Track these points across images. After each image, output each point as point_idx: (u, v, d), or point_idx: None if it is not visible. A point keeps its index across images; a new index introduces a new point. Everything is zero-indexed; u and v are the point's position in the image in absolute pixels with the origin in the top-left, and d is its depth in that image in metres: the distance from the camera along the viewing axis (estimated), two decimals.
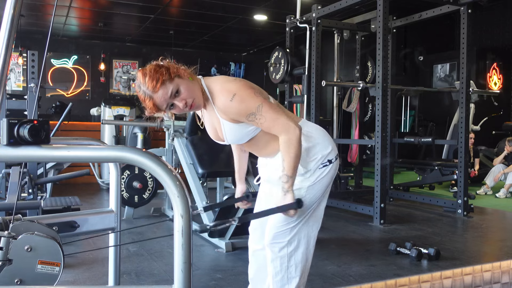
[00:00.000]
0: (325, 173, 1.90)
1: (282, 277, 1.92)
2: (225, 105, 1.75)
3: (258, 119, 1.75)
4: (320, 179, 1.89)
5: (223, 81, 1.80)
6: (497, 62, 9.44)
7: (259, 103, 1.74)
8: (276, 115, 1.75)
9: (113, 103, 7.55)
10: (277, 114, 1.76)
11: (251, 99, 1.74)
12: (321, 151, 1.89)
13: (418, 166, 7.07)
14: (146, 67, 1.73)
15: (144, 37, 10.18)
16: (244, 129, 1.81)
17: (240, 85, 1.76)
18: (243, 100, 1.73)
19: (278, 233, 1.89)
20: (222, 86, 1.77)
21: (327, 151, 1.90)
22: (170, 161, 4.67)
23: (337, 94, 5.74)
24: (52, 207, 3.40)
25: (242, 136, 1.84)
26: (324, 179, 1.90)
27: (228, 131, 1.82)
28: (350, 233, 4.00)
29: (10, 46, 1.22)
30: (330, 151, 1.91)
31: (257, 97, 1.75)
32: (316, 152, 1.88)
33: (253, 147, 1.94)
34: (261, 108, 1.74)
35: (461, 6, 4.65)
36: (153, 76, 1.68)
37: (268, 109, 1.74)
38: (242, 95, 1.73)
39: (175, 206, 1.09)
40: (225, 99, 1.74)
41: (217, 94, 1.76)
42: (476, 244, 3.80)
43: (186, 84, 1.73)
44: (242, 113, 1.74)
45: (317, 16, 4.98)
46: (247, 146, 1.94)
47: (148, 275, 2.84)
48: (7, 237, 1.37)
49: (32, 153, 1.15)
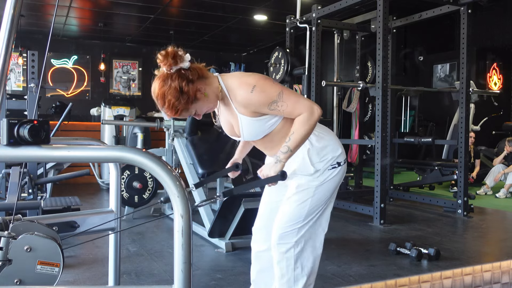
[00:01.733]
0: (333, 175, 1.91)
1: (289, 279, 1.91)
2: (246, 98, 1.76)
3: (280, 106, 1.77)
4: (329, 180, 1.90)
5: (240, 76, 1.83)
6: (497, 62, 9.44)
7: (280, 90, 1.77)
8: (297, 98, 1.79)
9: (113, 103, 7.55)
10: (298, 97, 1.80)
11: (270, 88, 1.77)
12: (332, 152, 1.91)
13: (418, 166, 7.07)
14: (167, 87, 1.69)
15: (144, 37, 10.18)
16: (261, 125, 1.83)
17: (257, 78, 1.80)
18: (263, 89, 1.75)
19: (285, 234, 1.89)
20: (241, 81, 1.79)
21: (337, 153, 1.92)
22: (170, 161, 4.67)
23: (337, 94, 5.74)
24: (52, 207, 3.40)
25: (258, 132, 1.85)
26: (332, 180, 1.91)
27: (245, 127, 1.83)
28: (350, 233, 4.00)
29: (10, 46, 1.22)
30: (340, 153, 1.93)
31: (276, 86, 1.79)
32: (327, 152, 1.89)
33: (266, 144, 1.93)
34: (282, 95, 1.77)
35: (461, 6, 4.65)
36: (171, 106, 1.71)
37: (289, 95, 1.78)
38: (261, 85, 1.76)
39: (175, 206, 1.09)
40: (246, 92, 1.76)
41: (236, 89, 1.78)
42: (476, 244, 3.80)
43: (202, 104, 1.78)
44: (264, 102, 1.76)
45: (317, 16, 4.98)
46: (261, 142, 1.94)
47: (148, 275, 2.84)
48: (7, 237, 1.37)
49: (32, 153, 1.15)
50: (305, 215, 1.89)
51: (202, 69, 1.79)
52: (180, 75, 1.70)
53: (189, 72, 1.72)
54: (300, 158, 1.88)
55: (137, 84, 11.21)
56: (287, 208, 1.91)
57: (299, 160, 1.88)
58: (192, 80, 1.71)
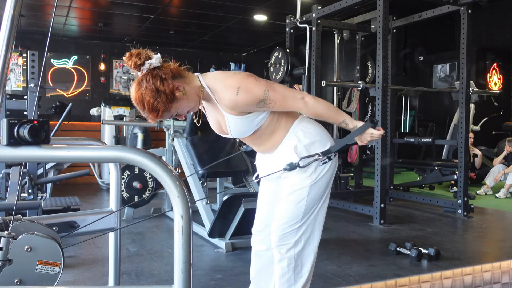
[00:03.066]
0: (325, 170, 1.90)
1: (289, 277, 1.92)
2: (232, 101, 1.76)
3: (269, 104, 1.78)
4: (322, 176, 1.90)
5: (224, 78, 1.81)
6: (497, 62, 9.44)
7: (264, 88, 1.77)
8: (283, 92, 1.81)
9: (113, 103, 7.55)
10: (284, 91, 1.82)
11: (255, 87, 1.76)
12: (321, 147, 1.89)
13: (418, 166, 7.07)
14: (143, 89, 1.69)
15: (144, 37, 10.18)
16: (248, 123, 1.83)
17: (240, 77, 1.79)
18: (248, 90, 1.75)
19: (285, 235, 1.89)
20: (225, 84, 1.78)
21: (326, 148, 1.90)
22: (170, 161, 4.67)
23: (337, 94, 5.74)
24: (52, 207, 3.40)
25: (246, 130, 1.85)
26: (325, 176, 1.91)
27: (232, 125, 1.83)
28: (350, 233, 4.00)
29: (10, 46, 1.22)
30: (329, 148, 1.91)
31: (260, 83, 1.78)
32: (316, 148, 1.88)
33: (255, 141, 1.93)
34: (268, 93, 1.77)
35: (461, 6, 4.65)
36: (151, 108, 1.70)
37: (274, 91, 1.78)
38: (246, 86, 1.75)
39: (175, 206, 1.09)
40: (231, 95, 1.75)
41: (220, 92, 1.77)
42: (476, 244, 3.80)
43: (182, 103, 1.76)
44: (251, 102, 1.76)
45: (317, 16, 4.98)
46: (250, 139, 1.94)
47: (148, 275, 2.84)
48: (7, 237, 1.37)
49: (32, 153, 1.15)
50: (302, 214, 1.89)
51: (176, 68, 1.77)
52: (153, 76, 1.69)
53: (161, 72, 1.71)
54: (287, 155, 1.87)
55: None
56: (284, 209, 1.91)
57: (286, 157, 1.87)
58: (165, 78, 1.70)
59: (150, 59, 1.70)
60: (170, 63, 1.77)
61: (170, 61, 1.78)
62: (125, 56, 1.71)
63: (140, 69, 1.70)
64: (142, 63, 1.69)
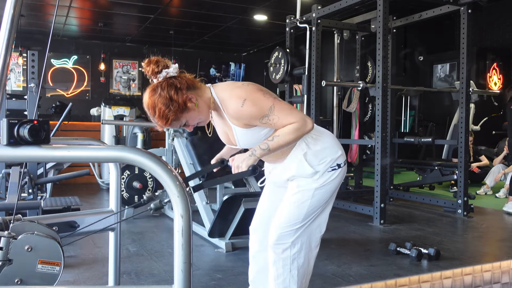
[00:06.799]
0: (333, 177, 1.91)
1: (284, 279, 1.91)
2: (236, 111, 1.76)
3: (272, 120, 1.77)
4: (329, 182, 1.90)
5: (232, 88, 1.81)
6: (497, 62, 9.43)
7: (271, 104, 1.76)
8: (289, 111, 1.79)
9: (113, 103, 7.55)
10: (290, 110, 1.80)
11: (261, 102, 1.76)
12: (331, 154, 1.90)
13: (418, 166, 7.07)
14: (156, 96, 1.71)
15: (144, 37, 10.18)
16: (256, 134, 1.83)
17: (248, 90, 1.78)
18: (254, 104, 1.75)
19: (283, 234, 1.89)
20: (231, 93, 1.78)
21: (336, 155, 1.91)
22: (170, 161, 4.67)
23: (337, 94, 5.74)
24: (52, 207, 3.40)
25: (254, 141, 1.85)
26: (332, 182, 1.91)
27: (240, 137, 1.84)
28: (350, 233, 4.00)
29: (10, 46, 1.22)
30: (339, 155, 1.93)
31: (268, 99, 1.77)
32: (326, 155, 1.89)
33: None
34: (273, 109, 1.76)
35: (461, 6, 4.65)
36: (162, 115, 1.72)
37: (281, 109, 1.77)
38: (252, 99, 1.75)
39: (175, 206, 1.09)
40: (236, 106, 1.75)
41: (227, 101, 1.78)
42: (476, 244, 3.80)
43: (193, 114, 1.77)
44: (255, 116, 1.76)
45: (317, 16, 4.98)
46: None
47: (148, 275, 2.84)
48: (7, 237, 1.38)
49: (32, 153, 1.15)
50: (303, 216, 1.89)
51: (191, 79, 1.79)
52: (168, 84, 1.71)
53: (177, 81, 1.73)
54: (297, 162, 1.88)
55: (137, 84, 11.21)
56: (286, 208, 1.91)
57: (296, 164, 1.88)
58: (180, 88, 1.72)
59: (168, 68, 1.72)
60: (186, 74, 1.80)
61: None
62: (144, 62, 1.74)
63: (157, 76, 1.72)
64: (160, 71, 1.72)
